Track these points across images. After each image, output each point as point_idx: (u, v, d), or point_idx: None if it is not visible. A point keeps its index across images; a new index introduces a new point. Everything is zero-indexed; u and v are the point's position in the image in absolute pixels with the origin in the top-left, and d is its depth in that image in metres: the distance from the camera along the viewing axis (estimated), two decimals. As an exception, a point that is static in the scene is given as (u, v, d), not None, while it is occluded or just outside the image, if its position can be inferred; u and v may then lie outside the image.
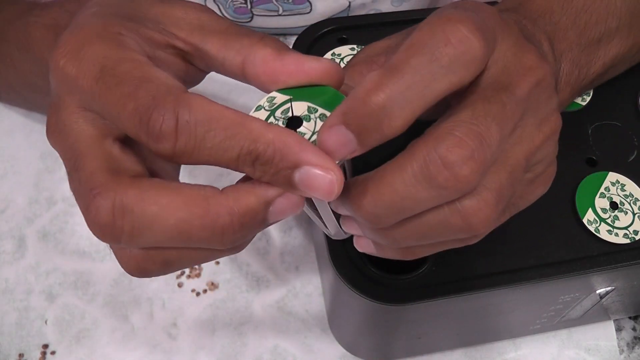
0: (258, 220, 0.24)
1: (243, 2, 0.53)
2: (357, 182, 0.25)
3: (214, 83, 0.34)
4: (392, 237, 0.26)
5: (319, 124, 0.25)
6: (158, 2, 0.28)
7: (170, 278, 0.46)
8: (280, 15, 0.55)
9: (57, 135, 0.26)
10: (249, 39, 0.27)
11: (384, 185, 0.24)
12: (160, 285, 0.45)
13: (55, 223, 0.47)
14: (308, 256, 0.47)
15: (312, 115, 0.25)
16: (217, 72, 0.28)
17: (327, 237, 0.33)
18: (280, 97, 0.26)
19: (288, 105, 0.26)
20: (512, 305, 0.36)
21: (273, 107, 0.26)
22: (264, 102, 0.26)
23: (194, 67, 0.29)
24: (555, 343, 0.44)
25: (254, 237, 0.26)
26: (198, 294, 0.45)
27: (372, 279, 0.32)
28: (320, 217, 0.29)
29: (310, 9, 0.54)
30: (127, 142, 0.26)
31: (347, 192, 0.25)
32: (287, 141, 0.23)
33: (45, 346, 0.43)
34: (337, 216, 0.28)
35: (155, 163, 0.28)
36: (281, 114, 0.25)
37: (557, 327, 0.43)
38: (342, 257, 0.32)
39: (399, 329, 0.37)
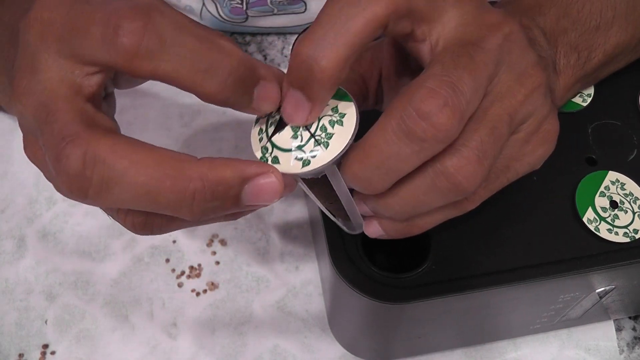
0: (231, 195, 0.24)
1: (239, 3, 0.54)
2: (348, 152, 0.26)
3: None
4: (390, 206, 0.27)
5: None
6: None
7: (170, 278, 0.46)
8: (274, 14, 0.55)
9: (27, 96, 0.25)
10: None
11: (369, 147, 0.25)
12: (160, 285, 0.45)
13: (55, 223, 0.47)
14: (308, 256, 0.47)
15: None
16: None
17: (327, 237, 0.33)
18: None
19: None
20: (512, 305, 0.36)
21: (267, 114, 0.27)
22: None
23: None
24: (555, 343, 0.44)
25: (223, 217, 0.27)
26: (198, 294, 0.45)
27: (372, 278, 0.32)
28: (338, 210, 0.30)
29: (305, 9, 0.54)
30: (101, 105, 0.26)
31: (343, 163, 0.26)
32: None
33: (45, 346, 0.43)
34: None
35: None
36: (277, 111, 0.26)
37: (557, 327, 0.43)
38: (342, 256, 0.32)
39: (399, 328, 0.37)
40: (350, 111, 0.25)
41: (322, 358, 0.43)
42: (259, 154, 0.26)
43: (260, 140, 0.26)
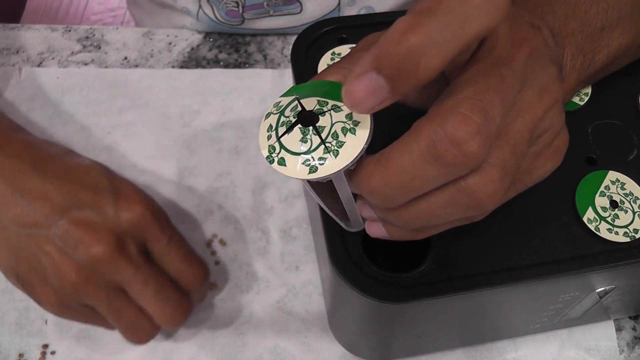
0: None
1: (235, 5, 0.54)
2: (366, 164, 0.25)
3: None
4: (403, 218, 0.27)
5: (334, 115, 0.25)
6: None
7: (170, 278, 0.46)
8: (270, 16, 0.55)
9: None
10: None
11: (393, 166, 0.24)
12: (160, 285, 0.45)
13: (55, 223, 0.47)
14: (308, 256, 0.47)
15: (324, 108, 0.25)
16: None
17: (327, 237, 0.33)
18: (285, 100, 0.26)
19: (295, 103, 0.26)
20: (512, 304, 0.36)
21: (281, 109, 0.26)
22: (271, 108, 0.26)
23: None
24: (555, 343, 0.44)
25: None
26: (198, 293, 0.45)
27: (372, 278, 0.32)
28: (339, 209, 0.30)
29: (301, 9, 0.54)
30: None
31: (357, 174, 0.26)
32: None
33: (45, 346, 0.43)
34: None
35: None
36: (290, 111, 0.26)
37: (557, 327, 0.43)
38: (342, 256, 0.32)
39: (399, 328, 0.37)
40: (365, 120, 0.25)
41: (322, 358, 0.43)
42: (265, 152, 0.25)
43: (269, 138, 0.26)
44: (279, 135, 0.25)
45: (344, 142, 0.24)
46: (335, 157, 0.24)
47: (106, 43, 0.57)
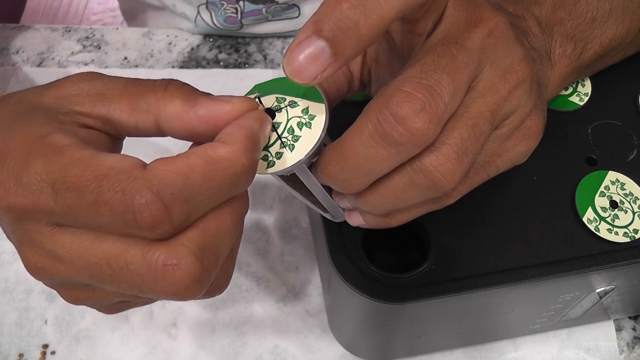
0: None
1: (234, 12, 0.54)
2: (324, 152, 0.26)
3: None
4: (370, 203, 0.27)
5: (290, 110, 0.26)
6: (44, 89, 0.25)
7: (170, 278, 0.46)
8: (269, 21, 0.55)
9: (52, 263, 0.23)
10: (154, 95, 0.25)
11: (346, 150, 0.25)
12: (160, 285, 0.45)
13: (55, 223, 0.47)
14: (308, 256, 0.47)
15: (281, 105, 0.26)
16: (134, 135, 0.26)
17: (327, 237, 0.33)
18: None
19: (255, 101, 0.27)
20: (512, 305, 0.36)
21: None
22: None
23: (110, 136, 0.26)
24: (555, 343, 0.44)
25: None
26: (198, 294, 0.45)
27: (372, 278, 0.32)
28: (316, 201, 0.30)
29: (299, 13, 0.55)
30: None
31: (319, 162, 0.26)
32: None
33: (45, 346, 0.43)
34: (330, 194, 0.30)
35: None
36: None
37: (557, 327, 0.43)
38: (342, 256, 0.32)
39: (399, 328, 0.37)
40: (320, 114, 0.25)
41: (322, 358, 0.43)
42: None
43: None
44: None
45: (300, 137, 0.25)
46: (291, 151, 0.25)
47: (106, 43, 0.57)
